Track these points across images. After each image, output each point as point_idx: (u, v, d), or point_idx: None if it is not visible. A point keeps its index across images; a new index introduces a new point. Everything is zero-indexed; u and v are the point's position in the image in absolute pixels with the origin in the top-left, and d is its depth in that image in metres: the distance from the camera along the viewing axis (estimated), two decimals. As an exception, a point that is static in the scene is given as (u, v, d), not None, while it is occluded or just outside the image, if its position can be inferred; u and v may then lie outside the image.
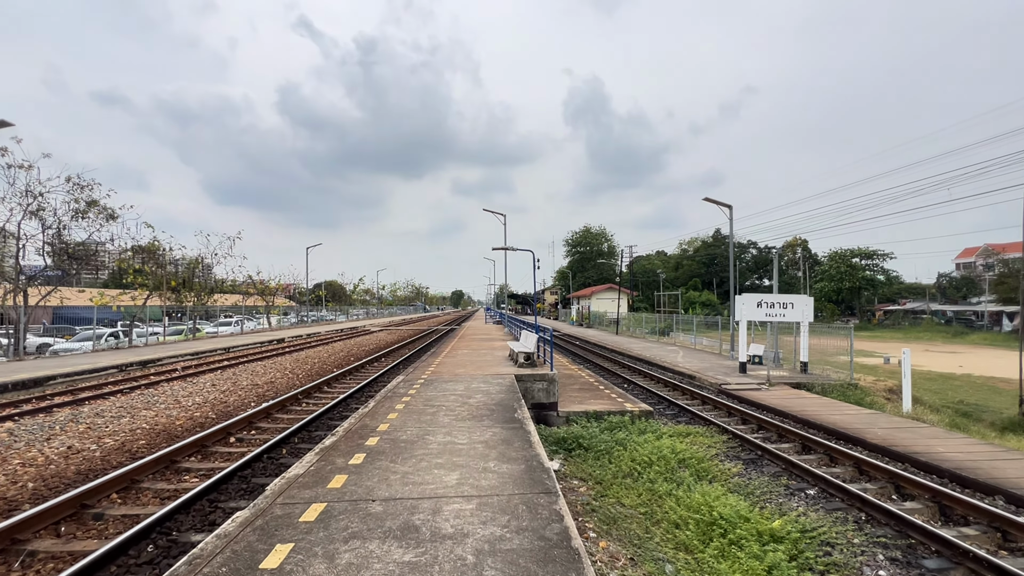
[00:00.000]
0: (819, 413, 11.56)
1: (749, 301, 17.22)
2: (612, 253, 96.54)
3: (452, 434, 6.03)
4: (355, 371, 15.75)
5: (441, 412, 7.27)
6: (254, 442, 7.73)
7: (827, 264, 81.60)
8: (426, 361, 14.00)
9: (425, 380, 10.41)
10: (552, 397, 11.11)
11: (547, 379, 11.06)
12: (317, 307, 65.70)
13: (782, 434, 10.19)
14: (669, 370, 19.06)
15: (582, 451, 8.60)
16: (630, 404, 11.55)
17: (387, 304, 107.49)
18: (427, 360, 14.30)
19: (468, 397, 8.47)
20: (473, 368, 12.25)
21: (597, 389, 13.31)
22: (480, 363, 13.26)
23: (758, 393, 14.12)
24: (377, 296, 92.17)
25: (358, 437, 5.89)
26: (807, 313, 17.29)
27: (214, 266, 34.41)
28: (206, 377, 14.18)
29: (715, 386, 15.34)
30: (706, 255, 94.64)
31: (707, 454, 8.62)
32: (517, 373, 11.21)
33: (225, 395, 11.70)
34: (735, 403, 13.24)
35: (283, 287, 46.00)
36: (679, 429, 10.20)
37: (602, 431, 9.78)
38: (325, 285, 76.45)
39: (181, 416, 9.45)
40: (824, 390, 14.87)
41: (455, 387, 9.53)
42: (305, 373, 15.57)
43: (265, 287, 44.62)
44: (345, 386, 13.36)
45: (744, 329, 17.23)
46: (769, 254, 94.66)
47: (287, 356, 19.88)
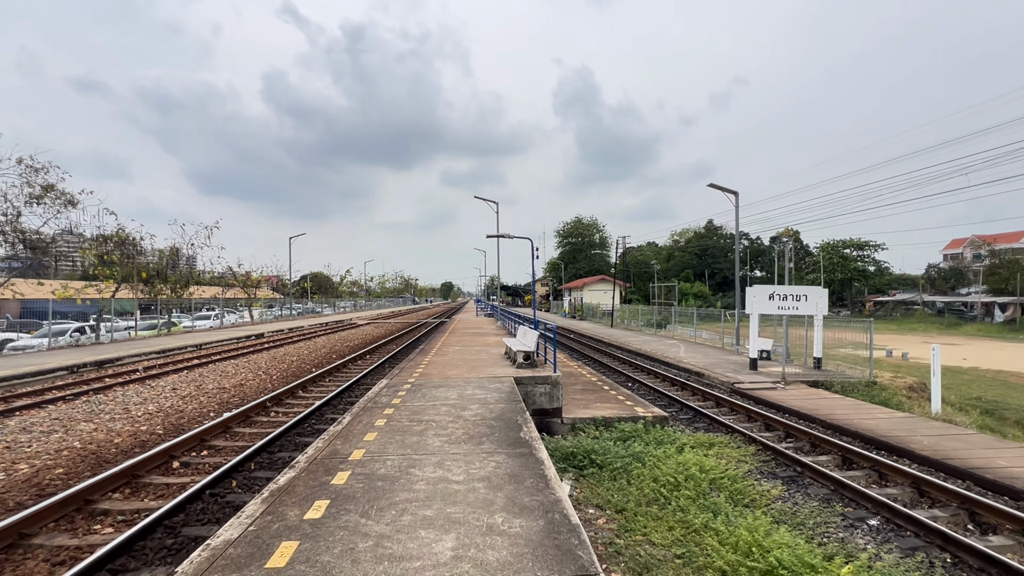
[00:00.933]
0: (849, 417, 10.49)
1: (761, 293, 16.12)
2: (604, 244, 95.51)
3: (444, 465, 4.75)
4: (336, 371, 14.40)
5: (430, 431, 5.99)
6: (201, 468, 6.38)
7: (818, 255, 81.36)
8: (414, 360, 12.70)
9: (412, 384, 9.11)
10: (556, 402, 9.90)
11: (550, 382, 9.83)
12: (303, 300, 63.83)
13: (815, 443, 9.08)
14: (674, 366, 17.96)
15: (595, 469, 7.40)
16: (641, 408, 10.39)
17: (375, 296, 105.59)
18: (415, 358, 12.99)
19: (462, 408, 7.19)
20: (466, 369, 10.98)
21: (602, 390, 12.14)
22: (474, 362, 11.99)
23: (775, 393, 13.05)
24: (365, 288, 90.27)
25: (323, 471, 4.59)
26: (821, 306, 16.24)
27: (191, 257, 32.56)
28: (168, 380, 12.74)
29: (727, 385, 14.25)
30: (698, 246, 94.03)
31: (739, 471, 7.46)
32: (516, 375, 9.96)
33: (184, 402, 10.29)
34: (752, 405, 12.15)
35: (265, 279, 44.18)
36: (700, 439, 9.04)
37: (614, 442, 8.60)
38: (311, 277, 74.42)
39: (124, 431, 8.06)
40: (844, 389, 13.85)
41: (447, 394, 8.24)
42: (280, 374, 14.16)
43: (247, 279, 42.80)
44: (323, 390, 12.01)
45: (755, 323, 16.15)
46: (761, 245, 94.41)
47: (264, 353, 18.42)
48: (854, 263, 71.92)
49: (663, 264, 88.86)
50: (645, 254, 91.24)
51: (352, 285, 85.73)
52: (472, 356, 13.24)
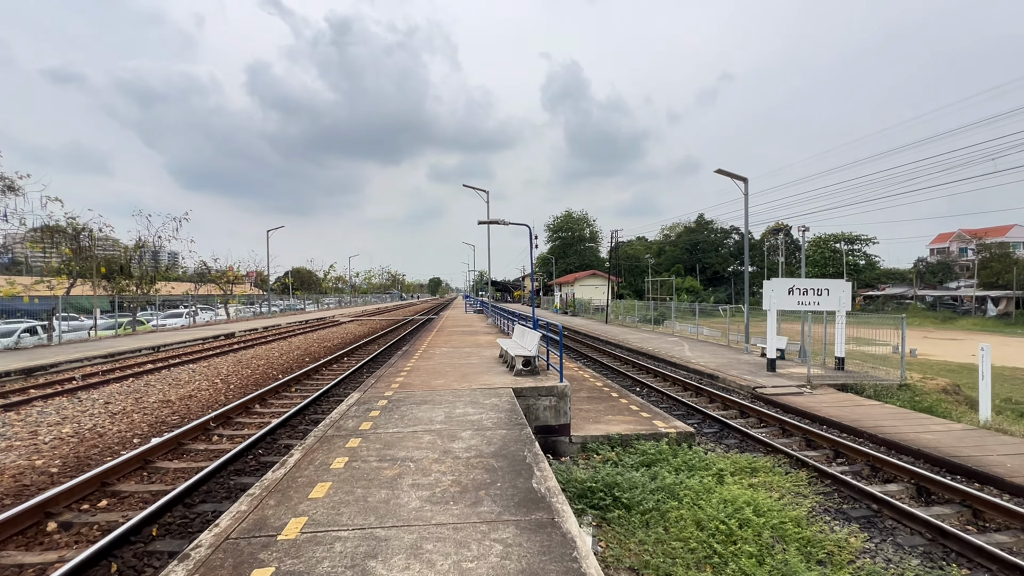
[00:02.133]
0: (899, 429, 9.04)
1: (780, 287, 14.67)
2: (594, 238, 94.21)
3: (422, 552, 3.09)
4: (306, 378, 12.61)
5: (406, 478, 4.32)
6: (85, 536, 4.59)
7: (809, 249, 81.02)
8: (396, 365, 11.00)
9: (389, 400, 7.42)
10: (563, 417, 8.29)
11: (556, 393, 8.22)
12: (284, 296, 61.47)
13: (875, 466, 7.59)
14: (682, 367, 16.48)
15: (622, 512, 5.80)
16: (661, 422, 8.83)
17: (361, 292, 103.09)
18: (397, 363, 11.29)
19: (451, 437, 5.53)
20: (455, 377, 9.31)
21: (610, 398, 10.57)
22: (464, 368, 10.32)
23: (803, 399, 11.60)
24: (350, 284, 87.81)
25: (233, 570, 2.90)
26: (844, 300, 14.84)
27: (159, 251, 30.31)
28: (106, 390, 10.86)
29: (746, 389, 12.77)
30: (688, 241, 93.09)
31: (800, 509, 5.91)
32: (515, 385, 8.32)
33: (111, 421, 8.47)
34: (782, 413, 10.67)
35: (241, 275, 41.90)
36: (739, 462, 7.50)
37: (637, 468, 7.04)
38: (293, 272, 71.90)
39: (12, 467, 6.24)
40: (877, 393, 12.47)
41: (431, 414, 6.57)
42: (241, 382, 12.34)
43: (222, 274, 40.51)
44: (284, 404, 10.23)
45: (773, 320, 14.70)
46: (752, 239, 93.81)
47: (229, 356, 16.53)
48: (846, 257, 71.49)
49: (654, 259, 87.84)
50: (636, 248, 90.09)
51: (337, 281, 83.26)
52: (462, 360, 11.57)
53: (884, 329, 15.70)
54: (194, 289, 38.13)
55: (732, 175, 19.02)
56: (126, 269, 27.74)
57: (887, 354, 20.85)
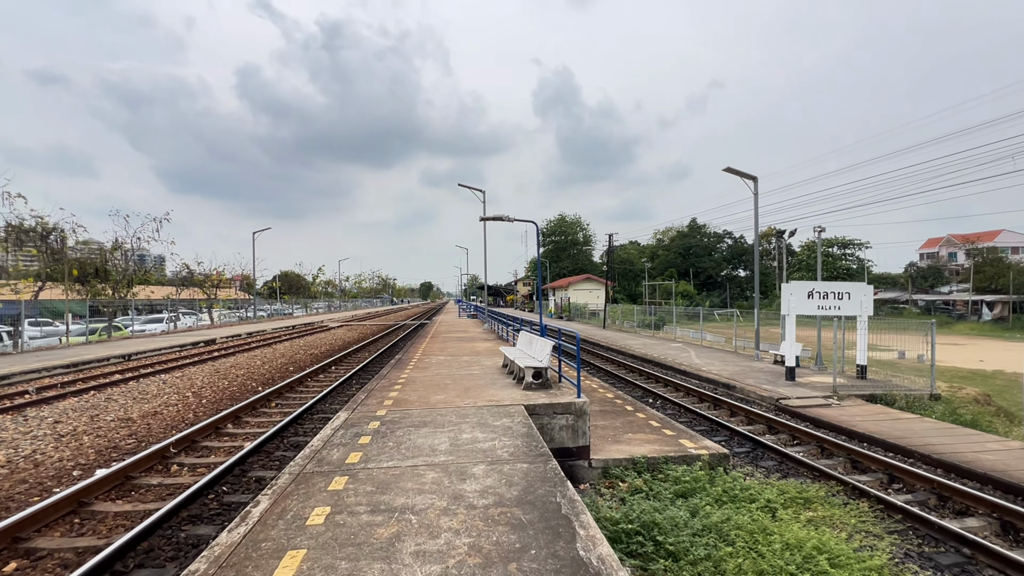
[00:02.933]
0: (954, 448, 8.11)
1: (799, 290, 13.80)
2: (588, 242, 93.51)
3: None
4: (287, 392, 11.39)
5: (407, 541, 3.24)
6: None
7: (803, 253, 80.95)
8: (388, 377, 9.88)
9: (382, 422, 6.33)
10: (581, 438, 7.25)
11: (573, 411, 7.18)
12: (271, 300, 59.82)
13: (943, 495, 6.63)
14: (693, 376, 15.51)
15: (668, 562, 4.76)
16: (689, 441, 7.82)
17: (351, 296, 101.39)
18: (390, 374, 10.18)
19: (461, 475, 4.45)
20: (457, 391, 8.23)
21: (624, 411, 9.55)
22: (465, 380, 9.24)
23: (833, 412, 10.66)
24: (340, 288, 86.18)
25: None
26: (866, 305, 14.01)
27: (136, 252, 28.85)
28: (58, 407, 9.60)
29: (769, 401, 11.83)
30: (682, 245, 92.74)
31: (879, 557, 4.91)
32: (527, 402, 7.27)
33: (56, 447, 7.24)
34: (813, 428, 9.72)
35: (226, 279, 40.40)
36: (786, 490, 6.50)
37: (673, 500, 6.04)
38: (281, 276, 70.22)
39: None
40: (910, 404, 11.58)
41: (433, 441, 5.49)
42: (214, 396, 11.12)
43: (205, 278, 39.00)
44: (260, 424, 9.02)
45: (792, 326, 13.80)
46: (745, 244, 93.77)
47: (206, 365, 15.26)
48: (840, 261, 71.43)
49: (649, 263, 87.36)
50: (629, 253, 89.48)
51: (326, 285, 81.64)
52: (462, 370, 10.48)
53: (904, 335, 14.85)
54: (176, 293, 36.59)
55: (741, 173, 18.20)
56: (101, 272, 26.28)
57: (893, 360, 20.05)
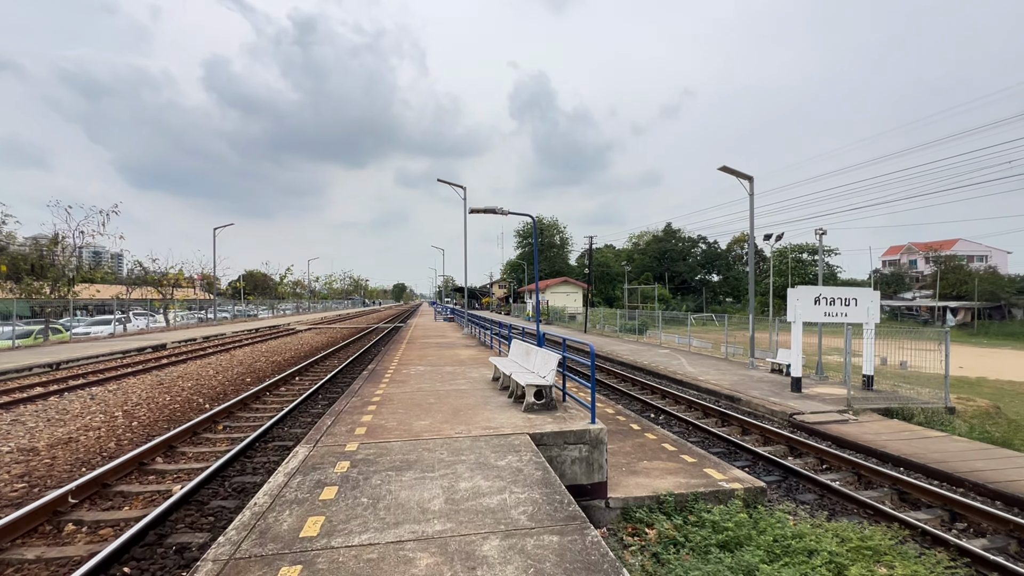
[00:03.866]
0: (1005, 473, 7.24)
1: (806, 296, 12.97)
2: (564, 245, 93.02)
3: None
4: (239, 411, 9.65)
5: None
6: None
7: (775, 259, 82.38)
8: (361, 393, 8.45)
9: (352, 461, 4.95)
10: (596, 474, 6.03)
11: (588, 440, 5.96)
12: (236, 301, 56.69)
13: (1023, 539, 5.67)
14: (690, 386, 14.53)
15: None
16: (716, 471, 6.70)
17: (321, 298, 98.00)
18: (363, 390, 8.74)
19: (466, 558, 3.14)
20: (445, 413, 6.88)
21: (631, 432, 8.40)
22: (452, 398, 7.90)
23: (853, 429, 9.76)
24: (309, 289, 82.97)
25: None
26: (873, 312, 13.33)
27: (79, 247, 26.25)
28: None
29: (781, 416, 10.88)
30: (657, 249, 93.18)
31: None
32: (531, 430, 6.00)
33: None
34: (837, 448, 8.77)
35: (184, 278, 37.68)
36: (847, 537, 5.41)
37: (712, 548, 4.91)
38: (246, 276, 66.90)
39: None
40: (928, 419, 10.83)
41: (422, 494, 4.14)
42: (149, 417, 9.35)
43: (161, 276, 36.25)
44: (199, 457, 7.37)
45: (799, 334, 12.95)
46: (718, 248, 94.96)
47: (149, 375, 13.39)
48: (811, 267, 72.84)
49: (623, 267, 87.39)
50: (605, 256, 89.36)
51: (294, 286, 78.43)
52: (446, 384, 9.11)
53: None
54: (127, 293, 33.79)
55: (737, 173, 17.43)
56: (37, 268, 23.69)
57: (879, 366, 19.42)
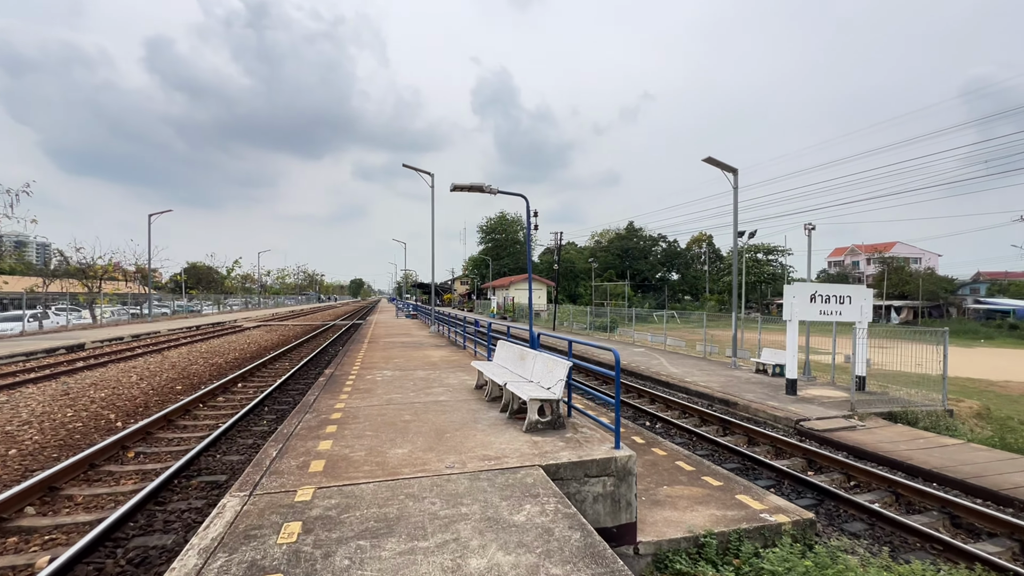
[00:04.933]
0: (1049, 491, 6.55)
1: (801, 293, 12.28)
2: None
3: None
4: (156, 433, 7.67)
5: None
6: None
7: (729, 259, 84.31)
8: (316, 408, 6.87)
9: (304, 527, 3.47)
10: (624, 512, 4.81)
11: (613, 471, 4.73)
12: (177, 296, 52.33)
13: (1117, 577, 4.86)
14: (678, 388, 13.64)
15: None
16: (749, 498, 5.65)
17: (273, 293, 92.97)
18: (319, 404, 7.16)
19: None
20: (427, 436, 5.46)
21: (636, 446, 7.27)
22: (433, 414, 6.47)
23: (864, 436, 9.01)
24: (260, 283, 78.21)
25: None
26: (866, 311, 12.82)
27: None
28: None
29: (785, 422, 10.04)
30: (619, 247, 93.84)
31: None
32: (543, 459, 4.68)
33: None
34: (855, 459, 7.94)
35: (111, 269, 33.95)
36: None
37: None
38: (188, 269, 62.06)
39: None
40: (934, 424, 10.28)
41: (413, 583, 2.72)
42: (33, 445, 7.17)
43: (87, 267, 32.44)
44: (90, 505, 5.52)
45: (795, 333, 12.25)
46: (677, 247, 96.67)
47: (52, 384, 11.13)
48: (767, 267, 75.10)
49: (586, 264, 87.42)
50: (569, 254, 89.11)
51: (243, 280, 73.67)
52: (422, 394, 7.65)
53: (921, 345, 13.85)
54: (43, 285, 29.99)
55: (722, 165, 16.72)
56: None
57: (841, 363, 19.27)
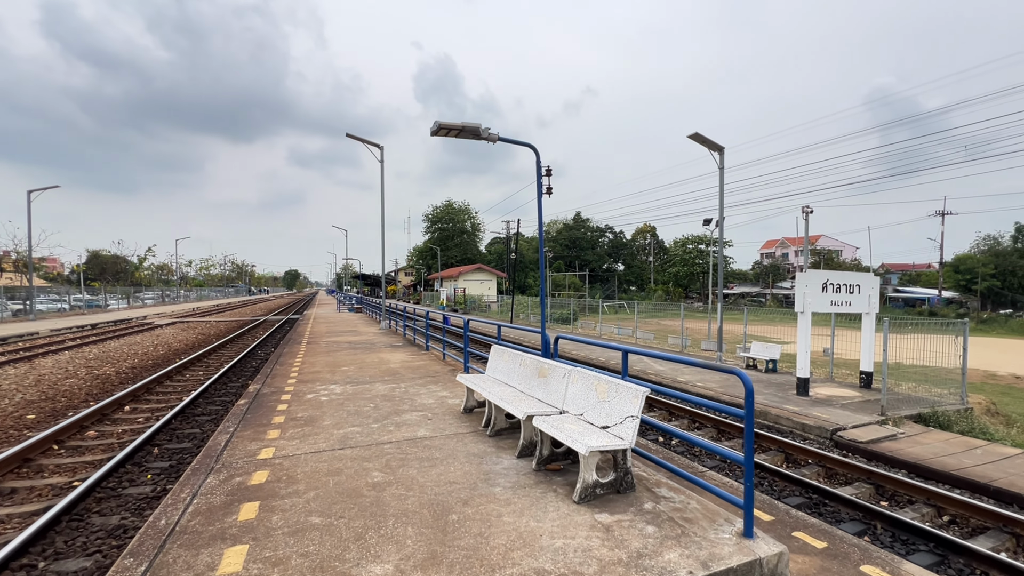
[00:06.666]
0: None
1: (814, 282, 11.00)
2: (476, 231, 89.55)
3: None
4: None
5: None
6: None
7: (673, 250, 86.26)
8: (229, 460, 4.44)
9: None
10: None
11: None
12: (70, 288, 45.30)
13: None
14: (675, 389, 12.05)
15: None
16: (876, 569, 3.89)
17: (196, 285, 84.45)
18: (232, 448, 4.71)
19: None
20: (420, 528, 3.24)
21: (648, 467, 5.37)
22: (415, 470, 4.24)
23: (914, 447, 7.71)
24: (179, 274, 70.40)
25: None
26: (873, 300, 11.80)
27: None
28: None
29: (817, 432, 8.62)
30: (567, 238, 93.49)
31: None
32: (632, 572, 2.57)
33: None
34: (921, 481, 6.56)
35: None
36: None
37: None
38: (91, 257, 54.30)
39: None
40: (969, 426, 9.24)
41: None
42: None
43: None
44: None
45: (807, 326, 10.96)
46: (624, 238, 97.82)
47: None
48: (707, 257, 77.15)
49: (534, 255, 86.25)
50: (520, 244, 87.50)
51: (159, 270, 65.91)
52: (390, 427, 5.35)
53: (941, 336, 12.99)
54: None
55: (708, 143, 15.32)
56: None
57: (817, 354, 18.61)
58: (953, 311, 47.05)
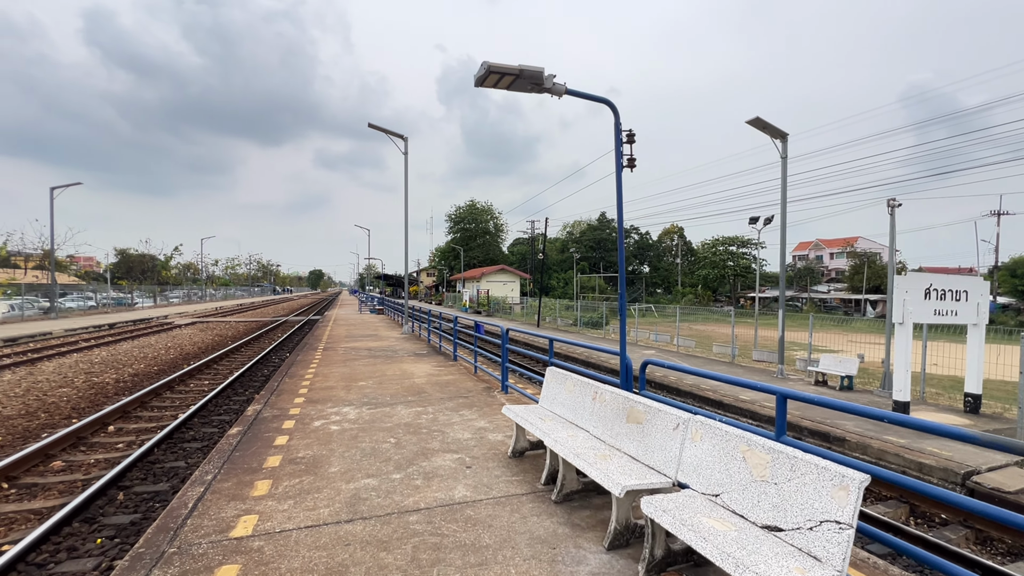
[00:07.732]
0: None
1: (915, 287, 9.21)
2: (499, 231, 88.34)
3: None
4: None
5: None
6: None
7: (703, 252, 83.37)
8: (193, 536, 3.09)
9: None
10: None
11: None
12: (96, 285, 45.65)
13: None
14: (739, 411, 10.43)
15: None
16: None
17: (222, 284, 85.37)
18: (203, 513, 3.38)
19: None
20: None
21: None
22: (451, 566, 2.77)
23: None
24: (205, 273, 70.97)
25: None
26: (983, 309, 9.93)
27: None
28: None
29: (939, 473, 6.90)
30: (592, 239, 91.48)
31: None
32: None
33: None
34: None
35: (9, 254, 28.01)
36: None
37: None
38: (119, 256, 54.91)
39: None
40: None
41: None
42: None
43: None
44: None
45: (908, 338, 9.18)
46: (649, 239, 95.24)
47: None
48: (741, 259, 74.29)
49: (557, 256, 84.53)
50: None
51: (185, 269, 66.53)
52: (416, 482, 3.93)
53: None
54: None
55: (770, 129, 13.58)
56: None
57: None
58: (1011, 318, 43.65)
